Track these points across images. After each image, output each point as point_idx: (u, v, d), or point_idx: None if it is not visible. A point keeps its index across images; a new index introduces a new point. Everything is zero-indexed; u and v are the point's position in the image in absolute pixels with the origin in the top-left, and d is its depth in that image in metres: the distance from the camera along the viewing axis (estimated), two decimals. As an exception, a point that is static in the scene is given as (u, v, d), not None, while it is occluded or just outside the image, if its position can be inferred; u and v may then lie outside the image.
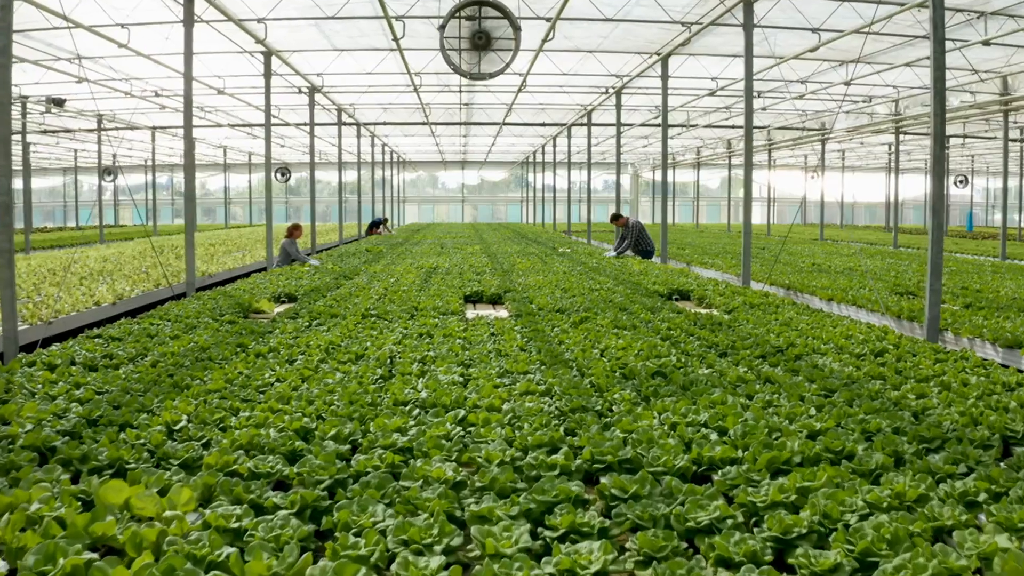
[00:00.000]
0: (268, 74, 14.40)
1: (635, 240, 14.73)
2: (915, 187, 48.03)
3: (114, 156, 40.07)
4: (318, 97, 19.26)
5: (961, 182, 36.55)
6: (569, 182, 27.15)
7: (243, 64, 15.15)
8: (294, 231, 13.32)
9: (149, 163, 40.73)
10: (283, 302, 8.83)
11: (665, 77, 14.20)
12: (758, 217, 54.29)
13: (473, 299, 8.66)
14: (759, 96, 19.36)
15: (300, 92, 18.41)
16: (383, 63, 14.88)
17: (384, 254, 15.97)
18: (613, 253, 14.92)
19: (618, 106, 18.06)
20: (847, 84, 15.97)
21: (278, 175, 32.10)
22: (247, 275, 12.13)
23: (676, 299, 8.92)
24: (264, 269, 13.69)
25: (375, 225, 26.74)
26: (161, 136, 28.61)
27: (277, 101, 19.42)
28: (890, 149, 35.53)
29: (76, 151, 36.63)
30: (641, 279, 10.04)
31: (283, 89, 18.14)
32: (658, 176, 46.91)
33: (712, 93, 16.52)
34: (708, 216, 50.81)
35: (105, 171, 34.09)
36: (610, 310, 7.04)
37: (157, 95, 19.25)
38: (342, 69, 15.37)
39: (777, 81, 16.50)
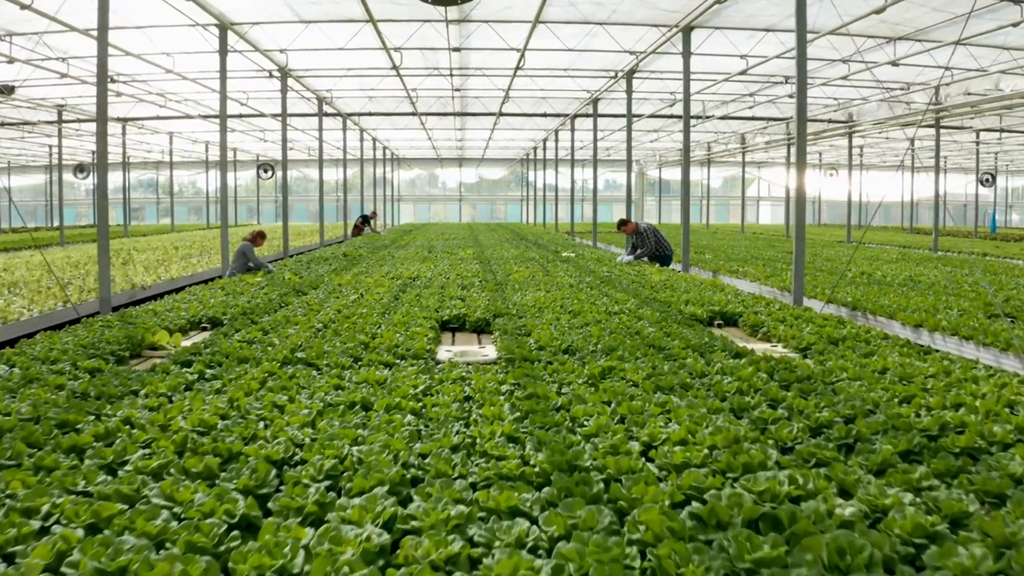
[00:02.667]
0: (224, 50, 12.33)
1: (654, 245, 12.62)
2: (928, 186, 45.76)
3: (93, 153, 37.99)
4: (296, 85, 17.17)
5: (987, 181, 34.42)
6: (572, 180, 25.05)
7: (197, 40, 13.06)
8: (258, 238, 11.27)
9: (130, 159, 38.69)
10: (203, 328, 6.74)
11: (687, 54, 12.11)
12: (767, 217, 52.17)
13: (452, 326, 6.55)
14: (786, 81, 17.26)
15: (271, 76, 16.35)
16: (358, 37, 12.78)
17: (362, 259, 13.89)
18: (626, 259, 12.83)
19: (629, 92, 15.95)
20: (894, 64, 13.86)
21: (261, 172, 30.00)
22: (191, 286, 10.06)
23: (720, 325, 6.83)
24: (219, 276, 11.59)
25: (365, 220, 24.67)
26: (142, 132, 26.50)
27: (245, 87, 17.36)
28: (912, 145, 33.42)
29: (51, 147, 34.55)
30: (668, 296, 7.94)
31: (251, 72, 16.07)
32: (665, 175, 44.84)
33: (743, 72, 14.37)
34: (714, 216, 48.74)
35: (77, 168, 32.10)
36: (641, 351, 4.94)
37: (113, 80, 17.17)
38: (311, 44, 13.28)
39: (814, 60, 14.38)
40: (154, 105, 19.74)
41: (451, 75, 16.41)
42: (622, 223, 13.15)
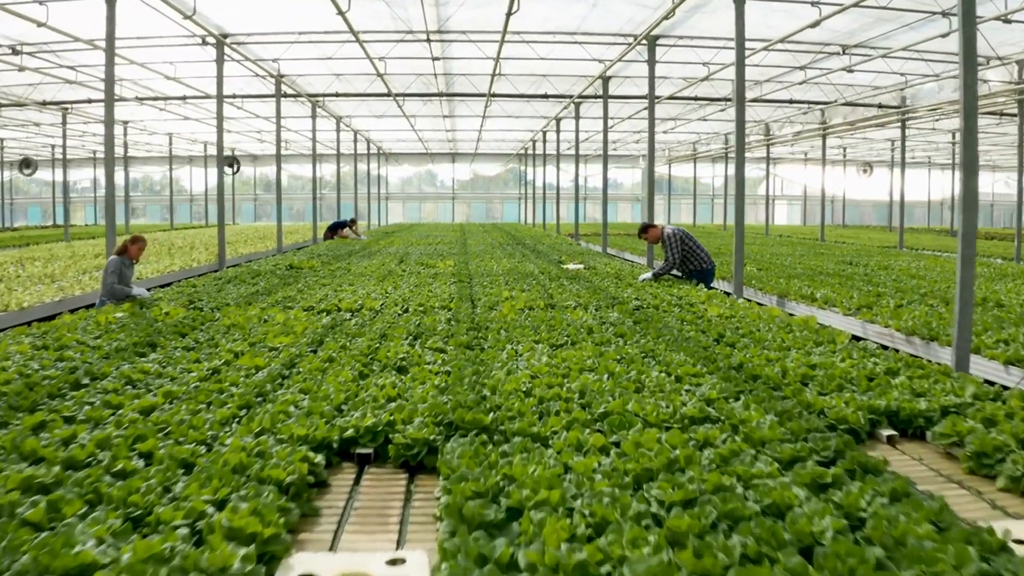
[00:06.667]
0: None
1: (681, 257, 9.35)
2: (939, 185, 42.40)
3: (54, 147, 34.61)
4: (237, 57, 13.88)
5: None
6: (577, 175, 21.81)
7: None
8: (131, 247, 7.88)
9: (101, 155, 35.35)
10: None
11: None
12: (783, 217, 48.80)
13: (364, 451, 3.22)
14: (843, 52, 13.97)
15: (204, 44, 13.07)
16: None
17: (310, 272, 10.63)
18: (649, 275, 9.55)
19: (651, 62, 12.67)
20: (1005, 21, 10.58)
21: (225, 166, 26.68)
22: (36, 322, 6.81)
23: (892, 440, 3.53)
24: (94, 304, 8.26)
25: (340, 226, 21.27)
26: (88, 122, 23.12)
27: (171, 56, 14.03)
28: (953, 138, 30.11)
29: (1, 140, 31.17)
30: (758, 357, 4.64)
31: (179, 38, 12.79)
32: (674, 171, 41.56)
33: (814, 25, 10.95)
34: (716, 217, 45.48)
35: (23, 163, 28.82)
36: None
37: (15, 52, 13.86)
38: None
39: (898, 11, 11.09)
40: (85, 87, 16.43)
41: (428, 40, 13.08)
42: (643, 229, 9.83)
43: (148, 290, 8.46)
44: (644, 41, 12.62)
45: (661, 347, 4.96)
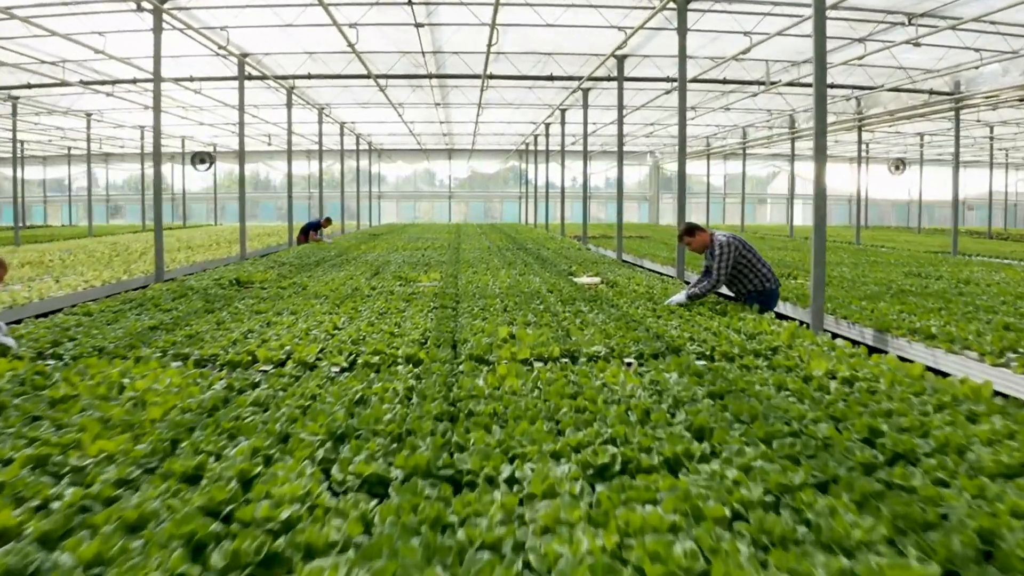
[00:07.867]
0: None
1: (730, 272, 7.07)
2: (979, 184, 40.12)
3: (24, 143, 32.30)
4: (181, 27, 11.57)
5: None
6: (585, 171, 19.48)
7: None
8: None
9: (76, 151, 33.07)
10: None
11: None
12: (798, 218, 46.40)
13: None
14: (909, 22, 11.65)
15: (140, 10, 10.77)
16: None
17: (259, 289, 8.31)
18: (680, 298, 7.19)
19: (681, 29, 10.37)
20: None
21: (197, 163, 24.38)
22: None
23: None
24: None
25: (314, 227, 18.95)
26: (40, 112, 20.81)
27: (99, 24, 11.69)
28: (991, 132, 27.81)
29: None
30: (1002, 522, 2.33)
31: (112, 3, 10.49)
32: (688, 169, 39.20)
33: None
34: (732, 218, 43.26)
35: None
36: None
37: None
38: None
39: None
40: (25, 71, 14.08)
41: (410, 3, 10.73)
42: (688, 231, 7.44)
43: (7, 325, 6.12)
44: (673, 4, 10.32)
45: (795, 477, 2.62)
